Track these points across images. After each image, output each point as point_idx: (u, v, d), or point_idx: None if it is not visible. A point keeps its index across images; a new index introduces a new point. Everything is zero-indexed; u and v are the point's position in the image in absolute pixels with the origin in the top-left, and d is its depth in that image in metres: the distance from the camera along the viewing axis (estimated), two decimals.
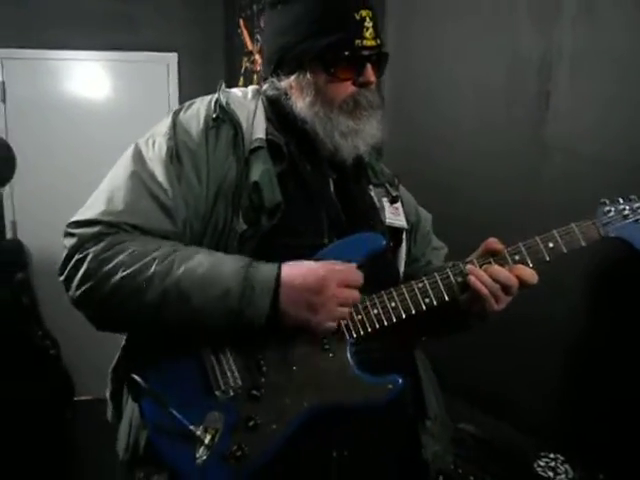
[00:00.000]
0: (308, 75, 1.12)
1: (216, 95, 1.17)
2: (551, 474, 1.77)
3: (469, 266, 1.10)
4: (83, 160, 3.67)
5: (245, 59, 3.63)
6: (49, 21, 3.71)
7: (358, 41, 1.10)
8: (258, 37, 3.38)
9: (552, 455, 1.82)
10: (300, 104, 1.14)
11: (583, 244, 1.11)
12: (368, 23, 1.11)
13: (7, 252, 3.59)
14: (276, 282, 1.01)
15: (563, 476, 1.76)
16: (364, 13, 1.11)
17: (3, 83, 3.73)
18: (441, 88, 2.37)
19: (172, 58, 3.90)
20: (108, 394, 1.22)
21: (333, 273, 1.03)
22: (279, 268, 1.02)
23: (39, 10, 3.70)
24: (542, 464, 1.80)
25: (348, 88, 1.13)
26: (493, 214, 2.05)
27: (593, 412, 1.80)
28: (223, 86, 1.20)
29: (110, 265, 1.00)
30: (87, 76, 3.86)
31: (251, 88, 1.24)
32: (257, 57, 3.42)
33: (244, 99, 1.19)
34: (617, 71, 1.74)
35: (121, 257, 1.00)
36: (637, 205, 1.12)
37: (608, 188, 1.63)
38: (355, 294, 1.05)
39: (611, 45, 1.74)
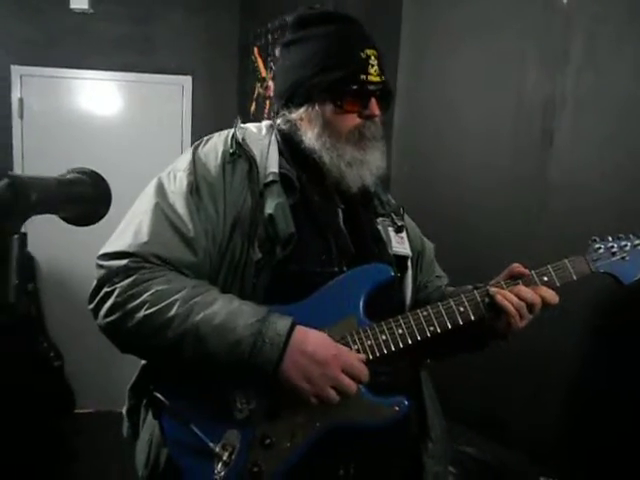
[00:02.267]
0: (317, 107, 1.21)
1: (232, 131, 1.25)
2: None
3: (494, 288, 1.18)
4: None
5: (258, 85, 3.72)
6: (67, 40, 3.82)
7: (363, 76, 1.19)
8: (272, 65, 3.48)
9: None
10: (309, 134, 1.22)
11: (575, 278, 1.20)
12: (373, 61, 1.20)
13: None
14: (286, 340, 1.05)
15: None
16: (369, 52, 1.21)
17: (21, 100, 3.82)
18: (449, 125, 2.45)
19: (186, 81, 3.98)
20: (125, 410, 1.26)
21: (343, 357, 1.08)
22: (291, 328, 1.06)
23: (58, 29, 3.81)
24: None
25: (354, 120, 1.21)
26: (497, 248, 2.11)
27: (593, 438, 1.84)
28: (239, 123, 1.28)
29: (135, 302, 1.06)
30: (103, 95, 3.96)
31: (264, 124, 1.32)
32: (270, 84, 3.52)
33: (259, 135, 1.27)
34: (618, 112, 1.83)
35: (145, 296, 1.06)
36: (624, 243, 1.22)
37: (610, 223, 1.70)
38: (352, 385, 1.07)
39: (613, 90, 1.84)
